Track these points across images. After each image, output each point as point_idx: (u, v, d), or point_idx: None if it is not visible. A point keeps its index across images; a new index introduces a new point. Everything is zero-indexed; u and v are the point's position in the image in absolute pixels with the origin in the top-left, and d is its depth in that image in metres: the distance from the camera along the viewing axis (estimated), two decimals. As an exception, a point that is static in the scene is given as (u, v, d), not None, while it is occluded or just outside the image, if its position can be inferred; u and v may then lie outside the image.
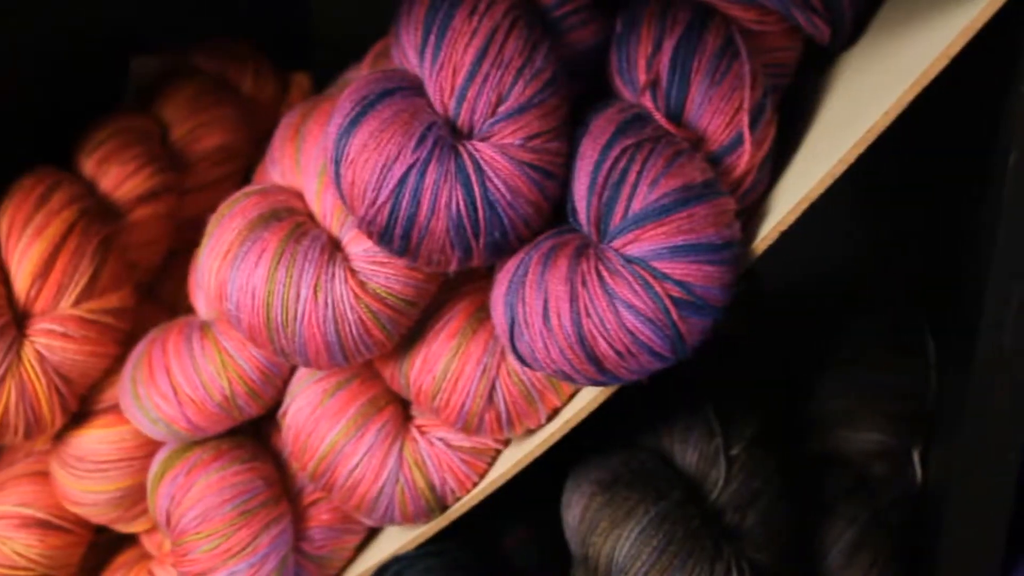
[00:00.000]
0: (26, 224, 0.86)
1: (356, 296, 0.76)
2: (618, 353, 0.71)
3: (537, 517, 0.90)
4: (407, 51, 0.76)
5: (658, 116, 0.75)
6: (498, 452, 0.84)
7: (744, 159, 0.76)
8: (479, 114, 0.74)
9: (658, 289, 0.70)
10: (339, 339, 0.76)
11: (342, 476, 0.82)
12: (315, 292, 0.76)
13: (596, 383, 0.73)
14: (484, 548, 0.88)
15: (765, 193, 0.78)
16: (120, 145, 0.92)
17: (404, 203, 0.72)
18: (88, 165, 0.92)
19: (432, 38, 0.75)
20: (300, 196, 0.81)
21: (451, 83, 0.74)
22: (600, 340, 0.71)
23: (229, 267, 0.77)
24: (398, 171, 0.72)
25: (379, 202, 0.72)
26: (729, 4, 0.80)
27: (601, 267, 0.71)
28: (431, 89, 0.75)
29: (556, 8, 0.78)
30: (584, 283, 0.71)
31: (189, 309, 0.94)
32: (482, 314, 0.80)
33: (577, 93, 0.78)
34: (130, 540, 0.94)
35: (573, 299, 0.71)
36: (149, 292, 0.93)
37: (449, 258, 0.74)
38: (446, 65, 0.74)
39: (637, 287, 0.70)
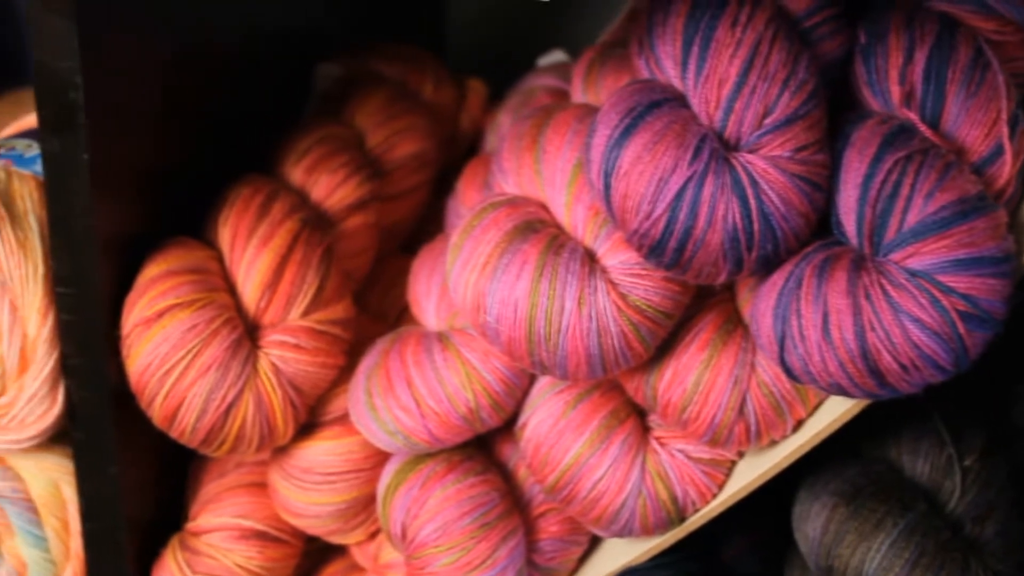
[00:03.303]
0: (250, 235, 0.85)
1: (618, 308, 0.75)
2: (902, 367, 0.71)
3: (754, 526, 0.90)
4: (663, 62, 0.76)
5: (923, 128, 0.75)
6: (734, 464, 0.83)
7: (1006, 170, 0.75)
8: (746, 126, 0.73)
9: (945, 303, 0.70)
10: (600, 352, 0.76)
11: (584, 489, 0.81)
12: (579, 305, 0.75)
13: (873, 396, 0.73)
14: (707, 559, 0.88)
15: (1019, 205, 0.78)
16: (327, 153, 0.92)
17: (681, 216, 0.72)
18: (296, 174, 0.91)
19: (695, 49, 0.74)
20: (544, 207, 0.80)
21: (717, 95, 0.74)
22: (884, 354, 0.71)
23: (488, 280, 0.76)
24: (675, 184, 0.72)
25: (655, 215, 0.72)
26: (971, 15, 0.79)
27: (883, 280, 0.71)
28: (695, 101, 0.74)
29: (806, 18, 0.78)
30: (867, 296, 0.71)
31: (397, 317, 0.94)
32: (730, 325, 0.79)
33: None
34: (337, 551, 0.94)
35: (856, 313, 0.71)
36: (356, 301, 0.93)
37: (720, 271, 0.73)
38: (711, 77, 0.74)
39: (923, 301, 0.70)
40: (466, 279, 0.77)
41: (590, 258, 0.77)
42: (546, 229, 0.78)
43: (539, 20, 1.28)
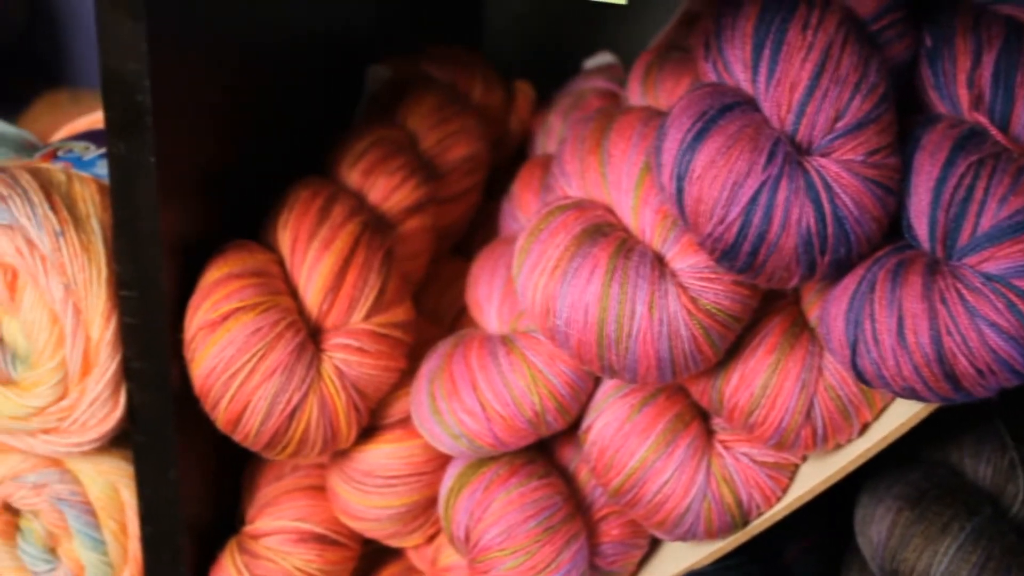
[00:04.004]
0: (311, 238, 0.85)
1: (689, 312, 0.75)
2: (978, 371, 0.71)
3: (810, 528, 0.90)
4: (732, 66, 0.76)
5: (995, 132, 0.75)
6: (797, 467, 0.83)
7: (1076, 175, 0.75)
8: (818, 130, 0.73)
9: (1021, 307, 0.70)
10: (671, 356, 0.76)
11: (649, 493, 0.81)
12: (650, 309, 0.75)
13: (947, 400, 0.73)
14: (769, 562, 0.88)
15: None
16: (383, 156, 0.92)
17: (755, 220, 0.72)
18: (353, 176, 0.91)
19: (766, 53, 0.74)
20: (610, 210, 0.80)
21: (788, 99, 0.74)
22: (961, 358, 0.70)
23: (558, 283, 0.76)
24: (749, 188, 0.72)
25: (729, 219, 0.72)
26: (1034, 17, 0.79)
27: (959, 285, 0.71)
28: (766, 105, 0.74)
29: (873, 22, 0.78)
30: (943, 301, 0.71)
31: (454, 319, 0.93)
32: (796, 329, 0.79)
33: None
34: (393, 553, 0.93)
35: (932, 317, 0.71)
36: (412, 304, 0.92)
37: (792, 275, 0.73)
38: (783, 81, 0.74)
39: (1000, 305, 0.70)
40: (535, 282, 0.77)
41: (659, 262, 0.77)
42: (614, 233, 0.78)
43: (575, 24, 1.28)
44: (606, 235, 0.77)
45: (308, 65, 0.96)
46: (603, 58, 1.11)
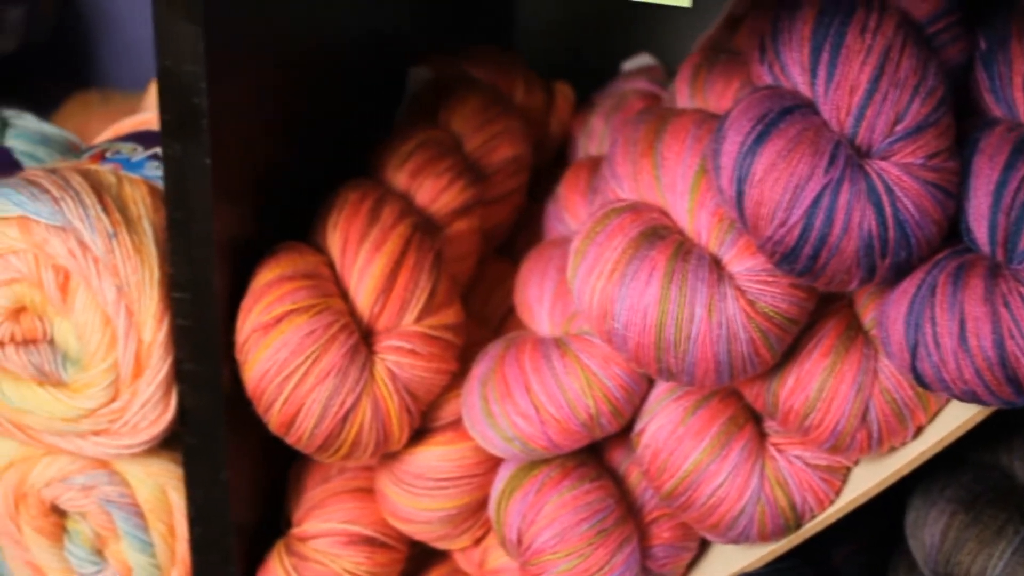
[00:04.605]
0: (362, 240, 0.85)
1: (747, 315, 0.75)
2: (1041, 375, 0.71)
3: (858, 531, 0.90)
4: (790, 68, 0.76)
5: (1053, 135, 0.75)
6: (849, 470, 0.83)
7: None
8: (878, 133, 0.73)
9: (1085, 311, 0.70)
10: (729, 359, 0.76)
11: (703, 496, 0.81)
12: (709, 312, 0.75)
13: (1008, 404, 0.73)
14: (820, 565, 0.88)
15: None
16: (430, 157, 0.92)
17: (816, 223, 0.72)
18: (400, 178, 0.91)
19: (825, 56, 0.74)
20: (665, 213, 0.80)
21: (848, 102, 0.73)
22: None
23: (616, 286, 0.76)
24: (811, 191, 0.72)
25: (790, 222, 0.72)
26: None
27: (1022, 288, 0.71)
28: (825, 108, 0.74)
29: (929, 25, 0.77)
30: (1006, 304, 0.71)
31: (500, 321, 0.93)
32: (852, 332, 0.79)
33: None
34: (439, 555, 0.93)
35: (995, 320, 0.71)
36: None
37: (851, 278, 0.73)
38: (842, 84, 0.74)
39: (1063, 309, 0.70)
40: (592, 285, 0.77)
41: (716, 265, 0.77)
42: (671, 235, 0.78)
43: (606, 27, 1.27)
44: (663, 238, 0.77)
45: (349, 66, 0.96)
46: (642, 60, 1.11)
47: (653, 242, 0.77)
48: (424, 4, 1.10)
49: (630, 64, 1.11)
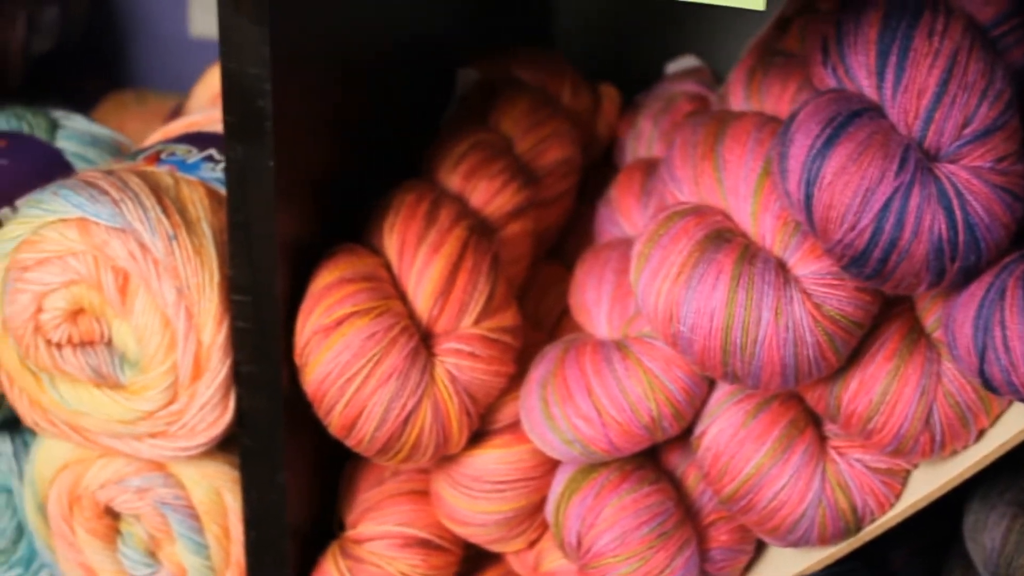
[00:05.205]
0: (419, 242, 0.85)
1: (814, 319, 0.75)
2: (1113, 379, 0.71)
3: (917, 533, 0.90)
4: (855, 72, 0.76)
5: (1120, 140, 0.75)
6: (909, 473, 0.83)
7: None
8: (946, 137, 0.73)
9: None
10: (795, 362, 0.75)
11: (764, 499, 0.81)
12: (776, 315, 0.75)
13: (1079, 409, 0.73)
14: (876, 567, 0.88)
15: None
16: (483, 159, 0.91)
17: (887, 227, 0.71)
18: (454, 180, 0.91)
19: (892, 60, 0.74)
20: (727, 216, 0.80)
21: (916, 105, 0.73)
22: (1095, 365, 0.71)
23: (682, 289, 0.76)
24: (882, 195, 0.71)
25: (860, 226, 0.72)
26: None
27: (1093, 292, 0.71)
28: (893, 111, 0.74)
29: (994, 28, 0.77)
30: (1077, 308, 0.71)
31: (555, 324, 0.93)
32: (914, 335, 0.79)
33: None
34: (492, 558, 0.93)
35: (1066, 324, 0.71)
36: (514, 308, 0.92)
37: (920, 282, 0.73)
38: (910, 87, 0.74)
39: None
40: (657, 288, 0.77)
41: (782, 268, 0.77)
42: (736, 239, 0.78)
43: (644, 29, 1.27)
44: (729, 241, 0.77)
45: (398, 67, 0.96)
46: (687, 61, 1.11)
47: (719, 245, 0.77)
48: (466, 5, 1.09)
49: (674, 66, 1.11)
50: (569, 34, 1.27)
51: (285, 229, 0.81)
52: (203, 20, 1.44)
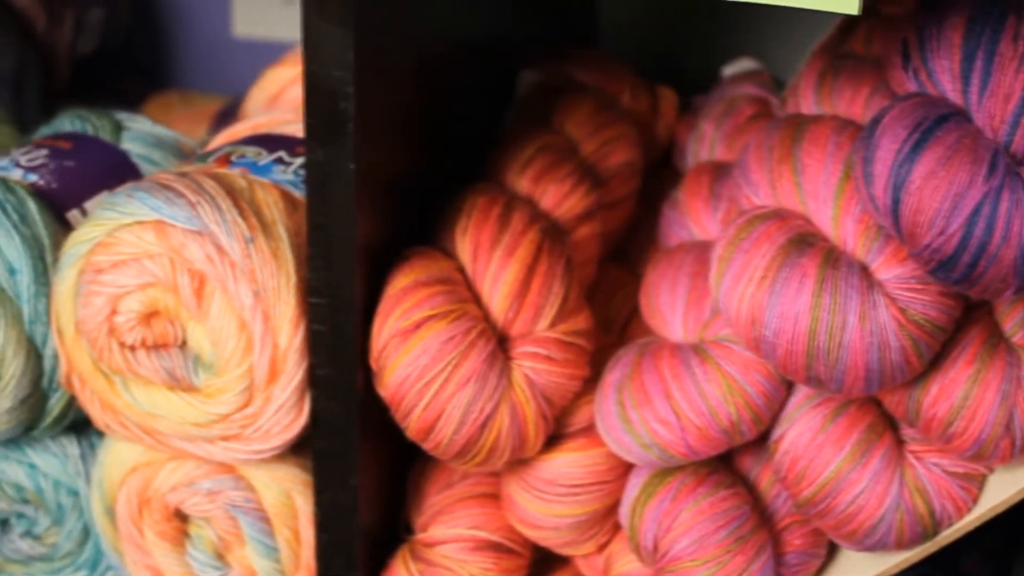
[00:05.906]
0: (493, 245, 0.85)
1: (899, 324, 0.75)
2: None
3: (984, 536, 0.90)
4: (938, 76, 0.76)
5: None
6: (986, 478, 0.83)
7: None
8: (1033, 141, 0.73)
9: None
10: (880, 367, 0.75)
11: (842, 504, 0.81)
12: (861, 320, 0.75)
13: None
14: (948, 571, 0.88)
15: None
16: (551, 163, 0.91)
17: (977, 232, 0.71)
18: (523, 183, 0.90)
19: (978, 64, 0.74)
20: (807, 220, 0.80)
21: (1002, 110, 0.73)
22: None
23: (766, 294, 0.76)
24: (972, 199, 0.71)
25: (949, 231, 0.72)
26: None
27: None
28: (979, 115, 0.74)
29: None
30: None
31: (623, 327, 0.93)
32: (994, 339, 0.79)
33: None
34: (559, 561, 0.93)
35: None
36: (585, 312, 0.92)
37: (1007, 286, 0.73)
38: (997, 91, 0.74)
39: None
40: (740, 292, 0.77)
41: (865, 272, 0.77)
42: (819, 243, 0.78)
43: (689, 31, 1.27)
44: (812, 245, 0.77)
45: (465, 70, 0.96)
46: (744, 64, 1.11)
47: (802, 249, 0.77)
48: (520, 5, 1.09)
49: (732, 68, 1.11)
50: (614, 34, 1.28)
51: (364, 232, 0.81)
52: (246, 20, 1.44)
